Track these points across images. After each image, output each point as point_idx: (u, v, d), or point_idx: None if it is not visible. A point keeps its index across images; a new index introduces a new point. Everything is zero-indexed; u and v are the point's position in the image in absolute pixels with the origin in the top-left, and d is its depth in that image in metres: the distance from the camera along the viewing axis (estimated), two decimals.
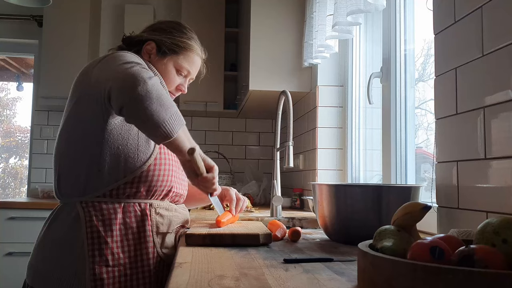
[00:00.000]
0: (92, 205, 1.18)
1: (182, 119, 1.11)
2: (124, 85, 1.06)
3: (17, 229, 3.05)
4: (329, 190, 1.23)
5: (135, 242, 1.19)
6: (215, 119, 3.80)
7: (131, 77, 1.05)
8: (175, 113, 1.08)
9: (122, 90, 1.06)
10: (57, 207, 1.25)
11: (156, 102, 1.04)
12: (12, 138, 8.75)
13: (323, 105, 2.37)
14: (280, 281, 0.75)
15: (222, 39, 3.47)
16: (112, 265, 1.14)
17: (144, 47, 1.37)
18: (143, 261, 1.18)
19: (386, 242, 0.68)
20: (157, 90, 1.06)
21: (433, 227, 1.24)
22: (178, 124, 1.09)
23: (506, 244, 0.59)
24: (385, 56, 1.83)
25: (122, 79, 1.07)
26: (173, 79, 1.39)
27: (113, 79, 1.09)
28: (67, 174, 1.22)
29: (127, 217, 1.19)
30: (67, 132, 1.23)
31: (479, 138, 1.02)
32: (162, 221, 1.24)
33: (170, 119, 1.06)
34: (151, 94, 1.04)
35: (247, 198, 1.54)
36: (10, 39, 3.83)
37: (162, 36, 1.38)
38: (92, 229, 1.15)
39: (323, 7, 2.05)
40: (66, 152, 1.23)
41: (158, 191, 1.24)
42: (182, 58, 1.39)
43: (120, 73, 1.09)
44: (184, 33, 1.42)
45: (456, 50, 1.12)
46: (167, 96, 1.09)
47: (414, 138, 1.72)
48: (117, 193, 1.19)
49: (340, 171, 2.36)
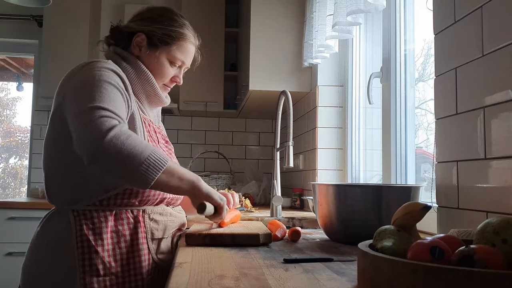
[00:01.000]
0: (83, 213, 1.14)
1: (157, 161, 1.03)
2: (85, 147, 1.02)
3: (17, 229, 3.05)
4: (329, 190, 1.23)
5: (128, 250, 1.15)
6: (215, 119, 3.80)
7: (89, 140, 1.01)
8: (145, 161, 1.01)
9: (84, 152, 1.02)
10: (50, 211, 1.22)
11: (119, 160, 1.00)
12: (12, 138, 8.75)
13: (323, 105, 2.37)
14: (280, 281, 0.75)
15: (222, 39, 3.47)
16: (103, 274, 1.11)
17: (134, 40, 1.29)
18: (136, 269, 1.15)
19: (386, 242, 0.68)
20: (118, 145, 0.99)
21: (433, 227, 1.24)
22: (153, 170, 1.02)
23: (506, 244, 0.59)
24: (385, 56, 1.83)
25: (83, 140, 1.02)
26: (167, 72, 1.32)
27: (76, 132, 1.05)
28: (55, 184, 1.19)
29: (119, 224, 1.16)
30: (52, 142, 1.19)
31: (479, 138, 1.02)
32: (156, 227, 1.21)
33: (141, 169, 1.01)
34: (110, 155, 0.99)
35: (249, 204, 1.54)
36: (10, 39, 3.83)
37: (152, 26, 1.29)
38: (82, 238, 1.12)
39: (323, 7, 2.05)
40: (50, 162, 1.19)
41: (151, 200, 1.21)
42: (175, 49, 1.31)
43: (81, 129, 1.03)
44: (175, 21, 1.33)
45: (456, 50, 1.12)
46: (131, 143, 1.01)
47: (414, 138, 1.72)
48: (108, 203, 1.16)
49: (340, 171, 2.36)
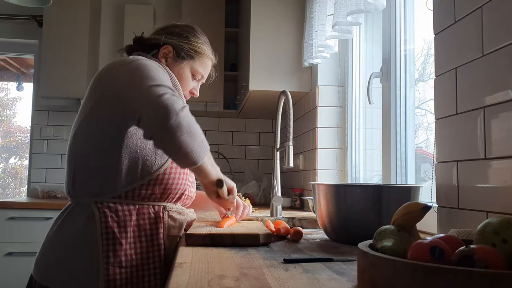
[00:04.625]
0: (107, 206, 1.18)
1: (207, 146, 1.15)
2: (156, 116, 1.07)
3: (17, 229, 3.04)
4: (329, 190, 1.23)
5: (148, 244, 1.20)
6: (215, 119, 3.80)
7: (164, 109, 1.06)
8: (202, 142, 1.12)
9: (153, 121, 1.08)
10: (69, 206, 1.24)
11: (186, 133, 1.07)
12: (12, 138, 8.75)
13: (323, 105, 2.37)
14: (280, 281, 0.75)
15: (222, 39, 3.46)
16: (125, 266, 1.15)
17: (161, 51, 1.39)
18: (154, 263, 1.20)
19: (386, 242, 0.68)
20: (188, 121, 1.08)
21: (433, 227, 1.24)
22: (204, 152, 1.13)
23: (506, 244, 0.59)
24: (385, 56, 1.83)
25: (154, 109, 1.08)
26: (188, 84, 1.44)
27: (144, 106, 1.10)
28: (83, 174, 1.22)
29: (141, 219, 1.20)
30: (85, 132, 1.23)
31: (479, 138, 1.02)
32: (174, 225, 1.26)
33: (197, 148, 1.10)
34: (182, 127, 1.06)
35: (250, 206, 1.56)
36: (10, 39, 3.83)
37: (179, 40, 1.41)
38: (107, 230, 1.16)
39: (323, 7, 2.05)
40: (83, 152, 1.23)
41: (172, 193, 1.26)
42: (198, 63, 1.44)
43: (151, 100, 1.09)
44: (199, 38, 1.45)
45: (456, 50, 1.12)
46: (195, 124, 1.12)
47: (414, 138, 1.72)
48: (133, 195, 1.20)
49: (340, 171, 2.36)
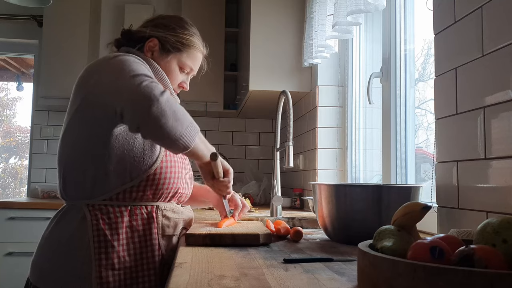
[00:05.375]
0: (99, 208, 1.17)
1: (197, 127, 1.13)
2: (137, 107, 1.06)
3: (17, 229, 3.04)
4: (329, 190, 1.23)
5: (141, 245, 1.18)
6: (215, 119, 3.80)
7: (143, 97, 1.05)
8: (190, 124, 1.10)
9: (136, 112, 1.06)
10: (63, 208, 1.24)
11: (171, 118, 1.05)
12: (12, 138, 8.76)
13: (323, 105, 2.37)
14: (280, 281, 0.75)
15: (222, 39, 3.46)
16: (118, 268, 1.14)
17: (147, 44, 1.34)
18: (148, 264, 1.18)
19: (386, 242, 0.68)
20: (170, 105, 1.06)
21: (433, 227, 1.24)
22: (195, 134, 1.11)
23: (506, 244, 0.58)
24: (385, 56, 1.83)
25: (135, 101, 1.06)
26: (176, 77, 1.38)
27: (125, 100, 1.08)
28: (73, 178, 1.20)
29: (133, 220, 1.19)
30: (71, 135, 1.21)
31: (479, 138, 1.02)
32: (168, 224, 1.24)
33: (186, 131, 1.08)
34: (165, 112, 1.04)
35: (249, 204, 1.55)
36: (10, 39, 3.83)
37: (165, 33, 1.35)
38: (98, 232, 1.15)
39: (323, 7, 2.05)
40: (71, 155, 1.21)
41: (165, 193, 1.24)
42: (185, 55, 1.38)
43: (131, 92, 1.07)
44: (187, 29, 1.39)
45: (456, 50, 1.12)
46: (179, 107, 1.09)
47: (414, 138, 1.72)
48: (124, 196, 1.19)
49: (340, 171, 2.36)
